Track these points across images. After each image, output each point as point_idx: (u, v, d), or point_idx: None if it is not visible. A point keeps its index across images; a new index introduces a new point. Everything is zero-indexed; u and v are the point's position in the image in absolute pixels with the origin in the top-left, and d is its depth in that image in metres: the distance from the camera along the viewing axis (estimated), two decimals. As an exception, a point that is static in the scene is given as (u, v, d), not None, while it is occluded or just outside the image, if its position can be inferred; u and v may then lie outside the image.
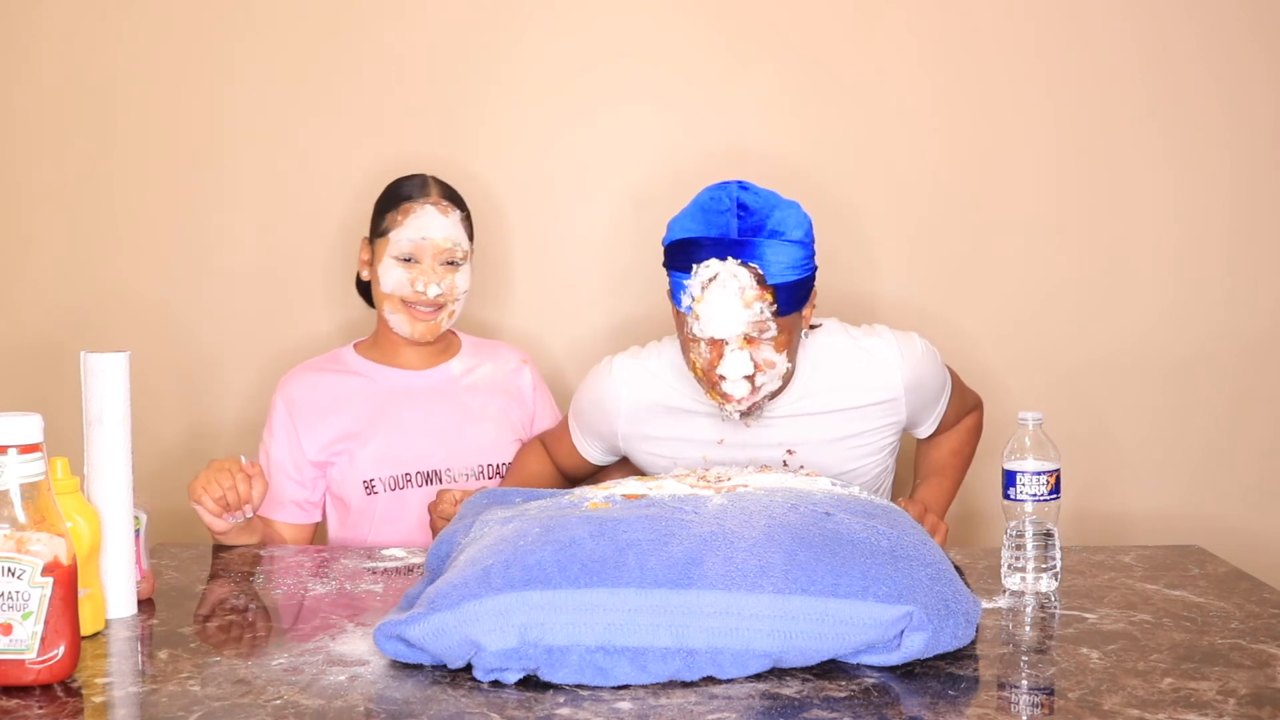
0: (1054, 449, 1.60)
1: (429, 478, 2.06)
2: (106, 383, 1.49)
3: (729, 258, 1.72)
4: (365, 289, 2.18)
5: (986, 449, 2.20)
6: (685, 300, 1.75)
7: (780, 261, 1.72)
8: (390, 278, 2.05)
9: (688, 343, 1.79)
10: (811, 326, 1.91)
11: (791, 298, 1.74)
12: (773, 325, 1.74)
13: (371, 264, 2.09)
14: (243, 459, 1.83)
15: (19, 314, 2.54)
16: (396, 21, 2.47)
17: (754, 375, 1.76)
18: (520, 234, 2.49)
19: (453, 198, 2.10)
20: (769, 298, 1.72)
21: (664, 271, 1.82)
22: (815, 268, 1.79)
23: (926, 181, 2.47)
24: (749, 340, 1.74)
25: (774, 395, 1.84)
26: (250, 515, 1.84)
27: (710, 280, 1.72)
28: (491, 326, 2.46)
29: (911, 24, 2.45)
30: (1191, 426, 2.49)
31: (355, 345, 2.17)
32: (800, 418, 1.89)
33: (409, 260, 2.04)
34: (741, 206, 1.76)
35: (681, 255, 1.76)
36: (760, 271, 1.72)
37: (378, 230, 2.08)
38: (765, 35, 2.47)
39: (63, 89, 2.50)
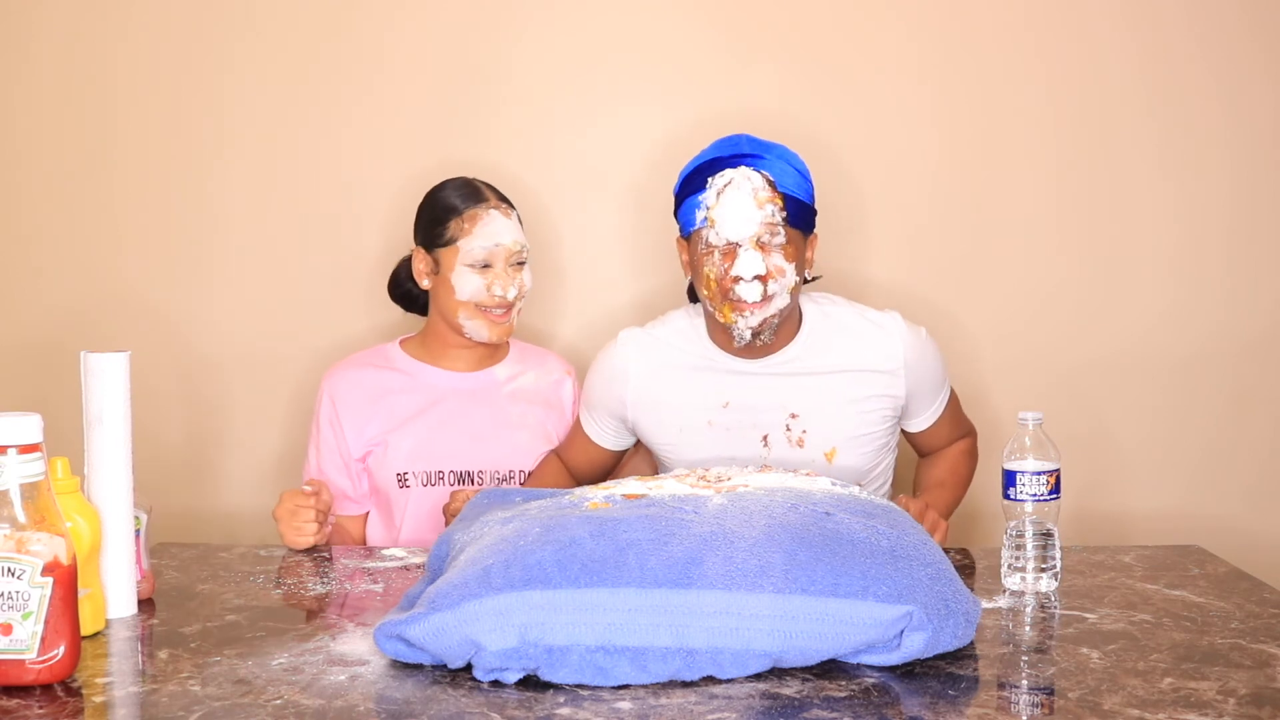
0: (1054, 449, 1.60)
1: (462, 478, 2.08)
2: (106, 383, 1.49)
3: (742, 165, 1.86)
4: (404, 295, 2.20)
5: (987, 449, 2.20)
6: (700, 214, 1.87)
7: (789, 175, 1.87)
8: (467, 285, 2.05)
9: (702, 260, 1.88)
10: (812, 279, 1.98)
11: (798, 214, 1.88)
12: (782, 231, 1.85)
13: (437, 273, 2.09)
14: (305, 487, 1.89)
15: (19, 314, 2.54)
16: (398, 23, 2.47)
17: (766, 279, 1.83)
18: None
19: (507, 200, 2.14)
20: (779, 202, 1.85)
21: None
22: (816, 212, 1.91)
23: (926, 182, 2.47)
24: (761, 245, 1.84)
25: (780, 333, 1.91)
26: (334, 518, 2.04)
27: (725, 185, 1.85)
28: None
29: (912, 24, 2.45)
30: (1191, 426, 2.49)
31: (401, 342, 2.19)
32: (803, 376, 1.93)
33: (485, 267, 2.06)
34: (751, 139, 1.92)
35: (697, 177, 1.89)
36: (771, 177, 1.85)
37: (442, 239, 2.08)
38: (765, 35, 2.47)
39: (63, 89, 2.50)
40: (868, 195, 2.47)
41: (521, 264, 2.10)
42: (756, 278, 1.82)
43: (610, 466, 2.13)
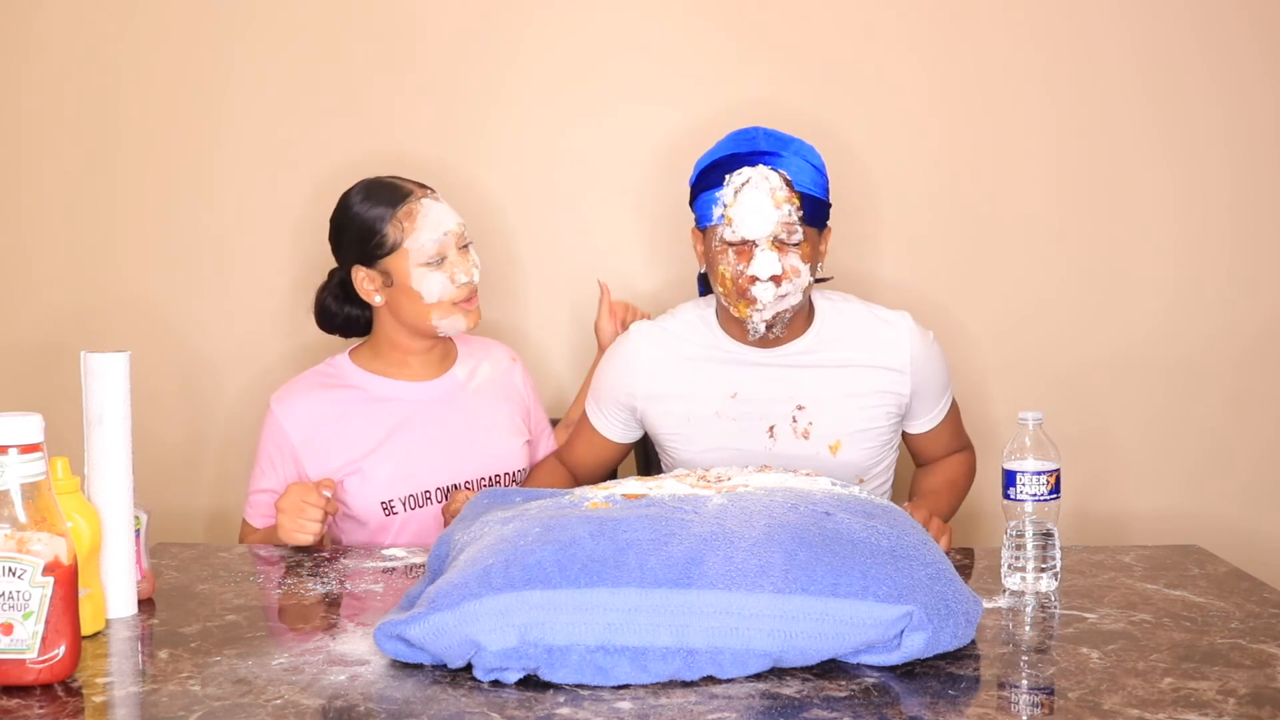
0: (1054, 449, 1.60)
1: (448, 493, 2.00)
2: (106, 383, 1.49)
3: (760, 164, 1.86)
4: (344, 323, 2.08)
5: (987, 449, 2.20)
6: (717, 211, 1.87)
7: (805, 173, 1.88)
8: (433, 286, 1.94)
9: (717, 256, 1.89)
10: (822, 280, 2.00)
11: (814, 212, 1.88)
12: (799, 230, 1.86)
13: (391, 285, 1.96)
14: (324, 495, 1.86)
15: (19, 314, 2.54)
16: (398, 24, 2.48)
17: (781, 279, 1.84)
18: (524, 234, 2.49)
19: (426, 184, 2.02)
20: (796, 202, 1.86)
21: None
22: (830, 205, 1.92)
23: (927, 182, 2.48)
24: (777, 244, 1.85)
25: (792, 325, 1.93)
26: (338, 515, 1.98)
27: (743, 184, 1.85)
28: (498, 326, 2.46)
29: (912, 24, 2.46)
30: (1191, 426, 2.49)
31: (350, 354, 2.06)
32: (811, 369, 1.96)
33: (442, 260, 1.95)
34: (767, 133, 1.92)
35: (714, 173, 1.89)
36: (788, 176, 1.86)
37: (383, 249, 1.95)
38: (766, 35, 2.47)
39: (63, 89, 2.50)
40: (868, 195, 2.47)
41: (466, 246, 1.99)
42: (772, 278, 1.84)
43: (615, 463, 2.12)
